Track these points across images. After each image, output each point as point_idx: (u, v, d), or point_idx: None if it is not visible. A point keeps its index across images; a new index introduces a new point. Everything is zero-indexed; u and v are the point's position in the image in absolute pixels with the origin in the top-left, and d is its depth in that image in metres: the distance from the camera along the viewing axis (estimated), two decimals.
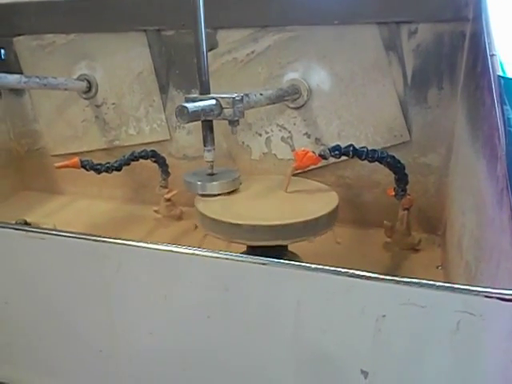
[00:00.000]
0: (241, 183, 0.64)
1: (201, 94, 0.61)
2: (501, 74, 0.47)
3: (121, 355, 0.42)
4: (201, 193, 0.61)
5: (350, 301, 0.33)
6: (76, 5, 0.86)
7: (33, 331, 0.45)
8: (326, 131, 0.79)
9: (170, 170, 0.85)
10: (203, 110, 0.56)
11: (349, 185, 0.81)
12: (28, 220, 0.78)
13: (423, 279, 0.31)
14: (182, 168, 0.89)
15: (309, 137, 0.81)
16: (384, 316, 0.32)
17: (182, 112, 0.53)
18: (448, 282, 0.31)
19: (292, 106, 0.79)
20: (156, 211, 0.87)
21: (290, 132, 0.81)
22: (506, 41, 0.51)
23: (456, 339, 0.31)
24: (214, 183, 0.61)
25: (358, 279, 0.32)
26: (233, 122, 0.59)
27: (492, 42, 0.51)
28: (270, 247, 0.56)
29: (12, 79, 0.74)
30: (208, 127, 0.62)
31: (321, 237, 0.58)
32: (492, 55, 0.49)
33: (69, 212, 0.94)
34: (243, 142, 0.85)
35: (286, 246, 0.61)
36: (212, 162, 0.64)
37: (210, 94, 0.61)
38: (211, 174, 0.64)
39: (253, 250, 0.57)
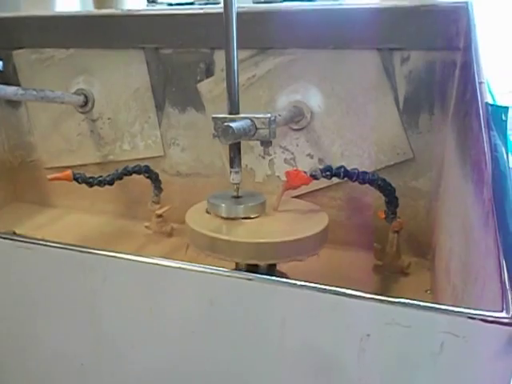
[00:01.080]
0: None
1: (230, 113, 0.60)
2: (489, 101, 0.48)
3: (103, 368, 0.41)
4: (225, 216, 0.59)
5: (335, 319, 0.33)
6: (77, 20, 0.88)
7: (15, 343, 0.44)
8: (329, 151, 0.80)
9: (162, 186, 0.85)
10: (244, 129, 0.55)
11: (340, 206, 0.82)
12: (17, 232, 0.78)
13: (408, 299, 0.31)
14: (175, 184, 0.90)
15: (312, 157, 0.81)
16: (368, 335, 0.32)
17: (226, 132, 0.52)
18: (432, 303, 0.31)
19: (295, 127, 0.80)
20: (147, 227, 0.87)
21: (293, 153, 0.82)
22: (494, 69, 0.52)
23: (440, 360, 0.31)
24: (240, 206, 0.60)
25: (343, 297, 0.33)
26: (266, 143, 0.58)
27: (481, 71, 0.53)
28: (259, 266, 0.56)
29: (9, 91, 0.75)
30: (236, 148, 0.60)
31: (309, 258, 0.58)
32: (480, 83, 0.50)
33: (59, 225, 0.94)
34: (246, 165, 0.85)
35: (274, 265, 0.61)
36: (238, 184, 0.61)
37: (239, 113, 0.60)
38: (237, 197, 0.62)
39: (247, 270, 0.57)
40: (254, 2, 0.86)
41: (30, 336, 0.44)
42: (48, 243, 0.40)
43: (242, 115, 0.60)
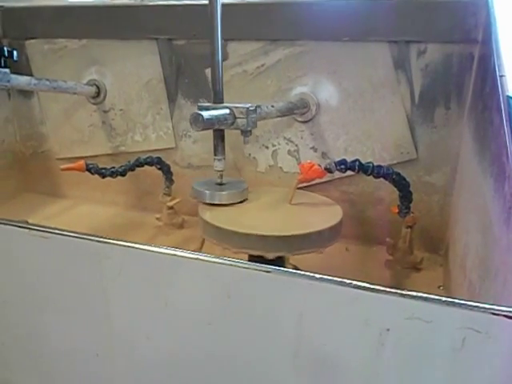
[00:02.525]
0: (248, 194, 0.64)
1: (214, 103, 0.61)
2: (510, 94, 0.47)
3: (117, 359, 0.41)
4: (209, 202, 0.61)
5: (354, 313, 0.33)
6: (89, 11, 0.88)
7: (30, 331, 0.45)
8: (332, 146, 0.79)
9: (173, 178, 0.85)
10: (217, 118, 0.56)
11: (352, 201, 0.81)
12: (29, 221, 0.78)
13: (429, 294, 0.31)
14: (186, 176, 0.89)
15: (315, 151, 0.81)
16: (388, 330, 0.32)
17: (196, 119, 0.53)
18: (455, 298, 0.30)
19: (300, 119, 0.80)
20: (158, 219, 0.87)
21: (296, 145, 0.82)
22: None
23: (460, 356, 0.31)
24: (223, 193, 0.61)
25: (362, 291, 0.32)
26: (246, 132, 0.59)
27: (502, 64, 0.51)
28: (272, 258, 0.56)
29: (23, 80, 0.75)
30: (219, 136, 0.62)
31: (322, 252, 0.57)
32: (501, 76, 0.49)
33: (70, 216, 0.94)
34: (250, 154, 0.85)
35: (282, 258, 0.61)
36: (222, 171, 0.64)
37: (223, 103, 0.61)
38: (220, 184, 0.64)
39: (255, 261, 0.57)
40: None
41: (44, 325, 0.44)
42: (64, 232, 0.40)
43: (224, 104, 0.61)
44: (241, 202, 0.63)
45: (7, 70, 0.71)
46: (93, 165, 0.74)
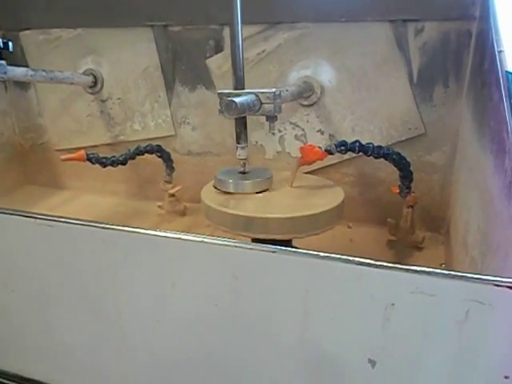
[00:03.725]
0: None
1: (235, 88, 0.60)
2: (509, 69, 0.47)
3: (127, 344, 0.42)
4: (233, 191, 0.60)
5: (359, 289, 0.33)
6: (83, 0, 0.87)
7: (38, 320, 0.45)
8: (339, 127, 0.79)
9: (174, 165, 0.85)
10: (248, 104, 0.54)
11: (353, 182, 0.82)
12: None
13: (432, 268, 0.31)
14: (187, 164, 0.90)
15: (322, 133, 0.81)
16: (393, 304, 0.33)
17: (229, 106, 0.52)
18: (457, 271, 0.31)
19: (305, 103, 0.79)
20: (160, 206, 0.87)
21: (303, 130, 0.81)
22: None
23: (465, 328, 0.31)
24: (247, 182, 0.60)
25: (366, 267, 0.33)
26: (272, 118, 0.58)
27: (500, 39, 0.51)
28: (275, 241, 0.57)
29: (19, 72, 0.74)
30: (242, 123, 0.61)
31: (324, 233, 0.58)
32: (500, 51, 0.49)
33: (72, 206, 0.95)
34: (257, 142, 0.85)
35: (290, 241, 0.61)
36: (245, 159, 0.62)
37: (244, 89, 0.60)
38: (243, 173, 0.62)
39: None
40: None
41: (52, 313, 0.45)
42: (69, 220, 0.40)
43: (247, 90, 0.59)
44: (265, 190, 0.61)
45: (3, 62, 0.70)
46: (93, 154, 0.74)
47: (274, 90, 0.57)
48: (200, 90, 0.85)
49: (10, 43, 0.71)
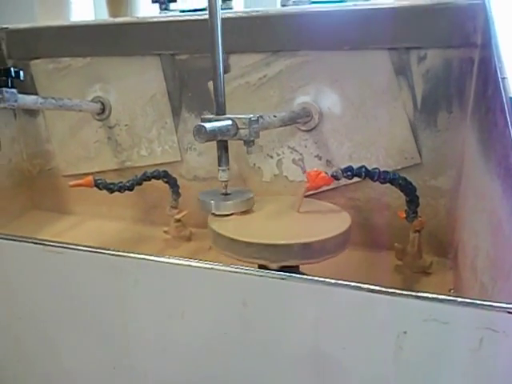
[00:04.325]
0: (254, 203, 0.64)
1: (217, 114, 0.63)
2: None
3: (136, 372, 0.41)
4: (215, 212, 0.62)
5: (370, 317, 0.33)
6: (92, 29, 0.89)
7: (45, 347, 0.45)
8: (337, 153, 0.80)
9: (180, 190, 0.85)
10: (220, 129, 0.57)
11: (359, 207, 0.82)
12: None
13: (445, 295, 0.31)
14: (193, 189, 0.90)
15: (320, 159, 0.81)
16: (405, 332, 0.32)
17: (199, 131, 0.54)
18: (470, 298, 0.31)
19: (303, 128, 0.80)
20: (166, 232, 0.87)
21: (301, 154, 0.82)
22: None
23: (479, 356, 0.31)
24: (228, 202, 0.62)
25: (378, 294, 0.32)
26: (248, 143, 0.60)
27: (503, 66, 0.52)
28: (282, 267, 0.56)
29: (29, 100, 0.76)
30: (223, 147, 0.63)
31: (331, 259, 0.58)
32: (503, 78, 0.50)
33: (78, 232, 0.95)
34: (254, 164, 0.86)
35: (297, 267, 0.61)
36: (226, 181, 0.65)
37: (225, 114, 0.63)
38: (225, 194, 0.65)
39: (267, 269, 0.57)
40: (281, 5, 0.86)
41: (60, 340, 0.45)
42: (79, 247, 0.40)
43: (226, 116, 0.62)
44: (247, 211, 0.63)
45: (14, 90, 0.72)
46: (101, 180, 0.75)
47: (250, 116, 0.60)
48: (207, 115, 0.86)
49: (21, 72, 0.73)
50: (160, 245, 0.87)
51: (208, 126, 0.55)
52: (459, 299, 0.31)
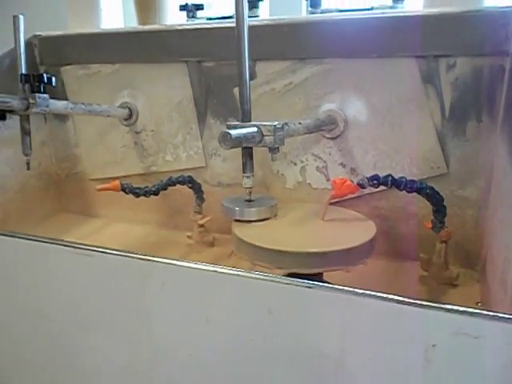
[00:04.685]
0: (278, 211, 0.64)
1: (242, 121, 0.63)
2: None
3: (159, 376, 0.42)
4: (238, 218, 0.62)
5: (398, 328, 0.33)
6: (122, 37, 0.91)
7: (73, 349, 0.46)
8: (361, 162, 0.79)
9: (204, 196, 0.86)
10: (245, 136, 0.57)
11: (383, 216, 0.81)
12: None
13: (476, 308, 0.30)
14: (216, 195, 0.91)
15: (344, 167, 0.81)
16: (434, 346, 0.32)
17: (225, 138, 0.54)
18: (502, 312, 0.30)
19: (328, 136, 0.80)
20: (189, 237, 0.88)
21: (325, 162, 0.82)
22: None
23: (511, 373, 0.30)
24: (252, 209, 0.62)
25: (406, 306, 0.32)
26: (273, 150, 0.60)
27: None
28: (306, 275, 0.56)
29: (60, 105, 0.78)
30: (248, 154, 0.64)
31: (356, 268, 0.57)
32: None
33: (103, 235, 0.96)
34: (278, 171, 0.86)
35: (321, 275, 0.61)
36: (251, 188, 0.65)
37: (251, 121, 0.63)
38: (249, 201, 0.65)
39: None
40: (309, 13, 0.86)
41: (87, 342, 0.45)
42: (108, 250, 0.41)
43: (252, 123, 0.62)
44: (270, 218, 0.63)
45: (46, 96, 0.74)
46: (127, 185, 0.76)
47: (276, 123, 0.60)
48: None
49: (54, 78, 0.75)
50: (183, 249, 0.88)
51: (233, 132, 0.55)
52: (491, 313, 0.30)
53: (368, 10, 0.83)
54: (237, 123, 0.63)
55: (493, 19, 0.67)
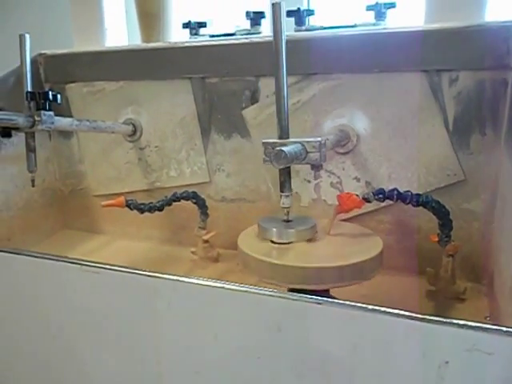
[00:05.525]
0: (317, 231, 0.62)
1: (280, 138, 0.61)
2: None
3: None
4: (276, 240, 0.60)
5: (410, 345, 0.32)
6: (126, 54, 0.92)
7: (81, 366, 0.45)
8: (376, 174, 0.79)
9: (208, 211, 0.86)
10: (295, 153, 0.55)
11: (389, 230, 0.80)
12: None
13: (490, 324, 0.30)
14: (221, 210, 0.91)
15: (358, 181, 0.81)
16: (447, 362, 0.31)
17: (278, 156, 0.53)
18: None
19: (341, 151, 0.80)
20: (193, 252, 0.87)
21: (339, 177, 0.82)
22: None
23: None
24: (291, 230, 0.60)
25: (418, 322, 0.32)
26: (317, 167, 0.59)
27: None
28: (312, 291, 0.55)
29: (65, 122, 0.78)
30: (286, 172, 0.61)
31: (362, 284, 0.57)
32: None
33: (107, 251, 0.96)
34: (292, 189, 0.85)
35: (327, 290, 0.60)
36: (289, 207, 0.62)
37: (289, 138, 0.61)
38: (287, 221, 0.62)
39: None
40: (295, 31, 0.87)
41: (95, 359, 0.45)
42: (114, 267, 0.41)
43: (292, 139, 0.60)
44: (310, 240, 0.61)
45: (51, 113, 0.74)
46: (132, 201, 0.76)
47: (319, 139, 0.58)
48: (235, 138, 0.87)
49: (59, 96, 0.75)
50: (187, 265, 0.87)
51: (287, 149, 0.53)
52: (505, 328, 0.30)
53: (351, 26, 0.83)
54: (275, 140, 0.60)
55: (494, 33, 0.68)
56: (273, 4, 0.59)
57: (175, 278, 0.38)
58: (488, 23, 0.69)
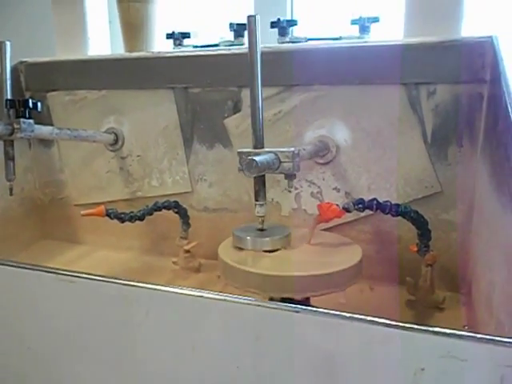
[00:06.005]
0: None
1: (254, 148, 0.61)
2: None
3: None
4: (251, 248, 0.60)
5: (386, 352, 0.32)
6: (108, 63, 0.92)
7: (56, 377, 0.44)
8: (355, 185, 0.80)
9: (190, 221, 0.85)
10: (268, 163, 0.56)
11: (369, 240, 0.81)
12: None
13: (464, 331, 0.30)
14: (203, 220, 0.90)
15: (338, 191, 0.81)
16: (423, 369, 0.31)
17: (250, 165, 0.53)
18: (490, 335, 0.30)
19: (321, 161, 0.80)
20: (174, 262, 0.87)
21: (319, 187, 0.82)
22: None
23: None
24: (265, 239, 0.60)
25: (395, 329, 0.32)
26: (290, 176, 0.59)
27: None
28: (291, 300, 0.56)
29: (45, 130, 0.78)
30: (261, 182, 0.62)
31: (342, 293, 0.57)
32: None
33: (87, 261, 0.95)
34: (272, 199, 0.85)
35: (308, 300, 0.60)
36: (263, 216, 0.62)
37: (264, 148, 0.61)
38: (261, 230, 0.63)
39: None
40: (279, 42, 0.88)
41: (70, 370, 0.44)
42: (91, 276, 0.40)
43: (266, 149, 0.61)
44: (283, 248, 0.61)
45: (31, 121, 0.74)
46: (112, 210, 0.75)
47: (292, 149, 0.59)
48: (217, 148, 0.87)
49: (39, 104, 0.75)
50: (169, 275, 0.86)
51: (258, 159, 0.54)
52: (478, 335, 0.30)
53: (336, 39, 0.85)
54: (250, 150, 0.61)
55: (470, 49, 0.70)
56: (248, 17, 0.60)
57: (152, 286, 0.38)
58: (464, 38, 0.71)
